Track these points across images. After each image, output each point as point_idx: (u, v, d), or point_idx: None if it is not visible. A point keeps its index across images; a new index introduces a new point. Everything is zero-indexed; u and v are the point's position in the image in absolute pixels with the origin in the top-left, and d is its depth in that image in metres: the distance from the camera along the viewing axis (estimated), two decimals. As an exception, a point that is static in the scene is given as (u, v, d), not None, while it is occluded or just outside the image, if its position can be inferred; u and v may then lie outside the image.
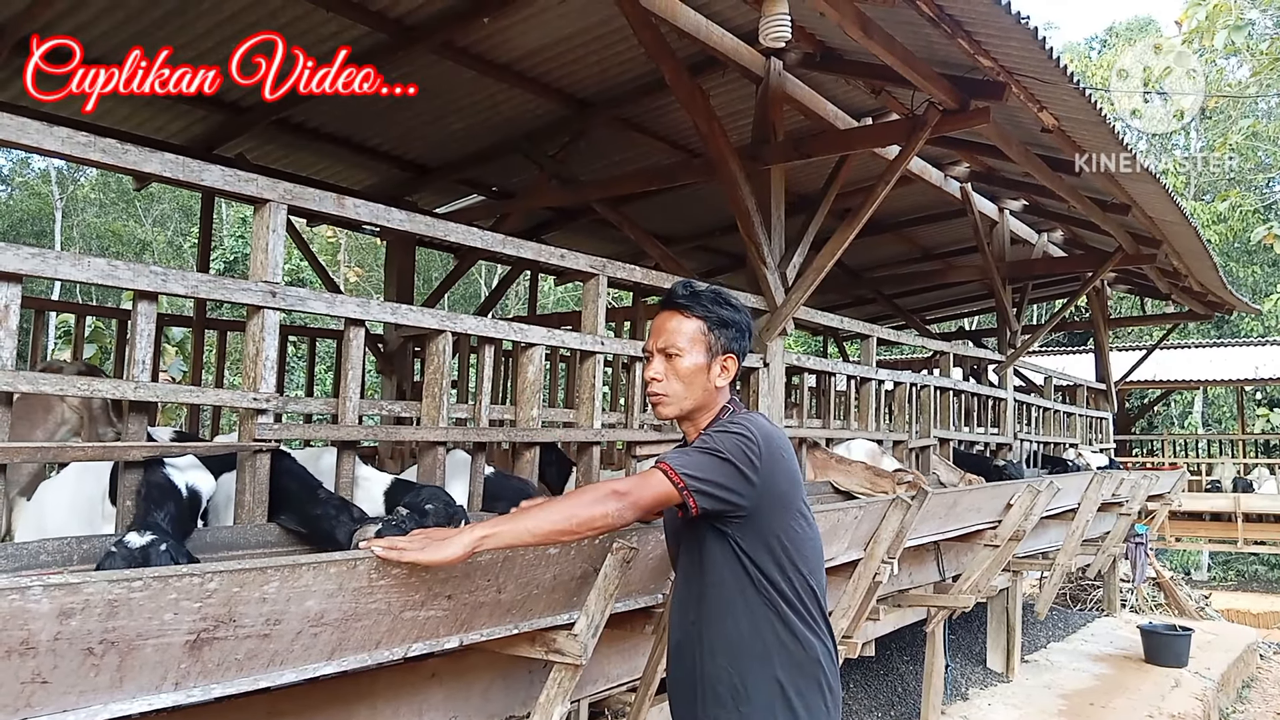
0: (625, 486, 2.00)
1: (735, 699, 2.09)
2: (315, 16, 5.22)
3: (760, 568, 2.08)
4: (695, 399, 2.19)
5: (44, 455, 2.23)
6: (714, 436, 2.08)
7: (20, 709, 1.56)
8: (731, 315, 2.21)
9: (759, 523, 2.08)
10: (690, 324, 2.19)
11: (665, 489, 1.99)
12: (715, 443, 2.05)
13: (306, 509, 2.64)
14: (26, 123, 2.24)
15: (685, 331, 2.19)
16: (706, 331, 2.18)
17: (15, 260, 2.18)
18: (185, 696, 1.79)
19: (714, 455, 2.03)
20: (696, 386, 2.18)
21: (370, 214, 3.04)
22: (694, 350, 2.18)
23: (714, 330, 2.19)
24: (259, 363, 2.66)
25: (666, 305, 2.25)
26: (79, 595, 1.54)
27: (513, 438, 3.50)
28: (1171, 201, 6.88)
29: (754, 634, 2.09)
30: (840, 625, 4.21)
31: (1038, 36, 3.93)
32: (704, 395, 2.20)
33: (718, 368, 2.19)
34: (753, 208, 5.06)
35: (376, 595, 2.00)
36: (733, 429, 2.08)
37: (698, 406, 2.21)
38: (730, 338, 2.20)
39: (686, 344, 2.18)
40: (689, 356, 2.17)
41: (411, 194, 7.98)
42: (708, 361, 2.18)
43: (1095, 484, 7.09)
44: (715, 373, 2.19)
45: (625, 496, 1.97)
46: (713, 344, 2.19)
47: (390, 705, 2.68)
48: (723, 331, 2.19)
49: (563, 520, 1.94)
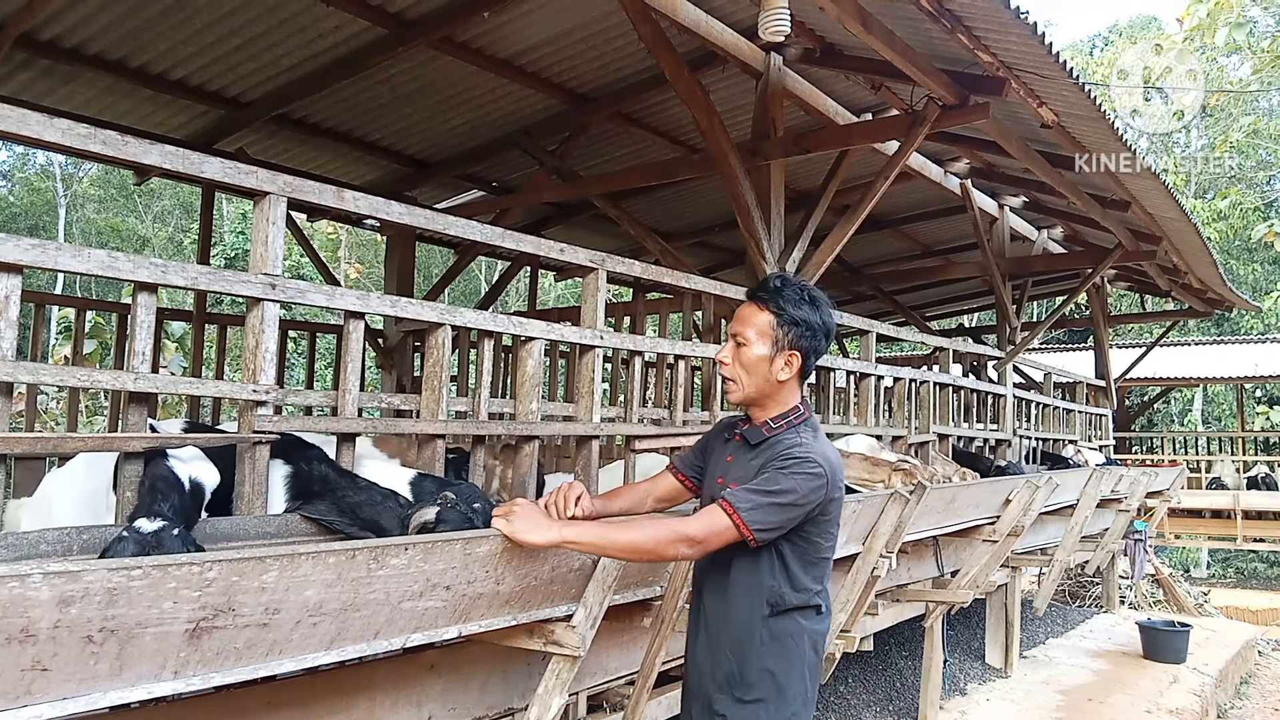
0: (699, 533, 2.09)
1: (733, 686, 2.24)
2: (315, 11, 5.22)
3: (787, 568, 2.21)
4: (757, 388, 2.26)
5: (43, 446, 2.24)
6: (787, 475, 2.12)
7: (20, 696, 1.57)
8: (807, 314, 2.24)
9: (797, 529, 2.19)
10: (762, 316, 2.25)
11: (733, 537, 2.10)
12: (787, 484, 2.11)
13: (349, 497, 2.65)
14: (27, 114, 2.24)
15: (756, 323, 2.25)
16: (775, 326, 2.23)
17: (16, 251, 2.18)
18: (185, 685, 1.80)
19: (783, 503, 2.11)
20: (758, 376, 2.24)
21: (369, 207, 3.04)
22: (760, 342, 2.24)
23: (783, 325, 2.23)
24: (259, 355, 2.67)
25: (749, 295, 2.32)
26: (79, 583, 1.55)
27: (512, 431, 3.50)
28: (1171, 198, 6.88)
29: (751, 625, 2.23)
30: (839, 620, 4.22)
31: (1037, 31, 3.93)
32: (766, 386, 2.26)
33: (781, 362, 2.24)
34: (752, 203, 5.07)
35: (375, 585, 2.01)
36: (808, 469, 2.13)
37: (762, 395, 2.27)
38: (799, 335, 2.24)
39: (754, 335, 2.24)
40: (754, 347, 2.24)
41: (412, 189, 7.98)
42: (771, 355, 2.23)
43: (1094, 480, 7.10)
44: (778, 366, 2.24)
45: (697, 545, 2.09)
46: (779, 339, 2.23)
47: (389, 697, 2.69)
48: (792, 328, 2.23)
49: (640, 546, 2.08)
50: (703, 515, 2.14)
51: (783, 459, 2.17)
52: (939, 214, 9.53)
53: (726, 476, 2.30)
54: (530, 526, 2.05)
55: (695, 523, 2.11)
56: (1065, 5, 39.20)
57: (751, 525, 2.08)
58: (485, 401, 3.42)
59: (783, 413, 2.28)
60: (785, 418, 2.28)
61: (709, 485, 2.39)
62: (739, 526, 2.07)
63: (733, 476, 2.27)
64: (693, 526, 2.10)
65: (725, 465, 2.34)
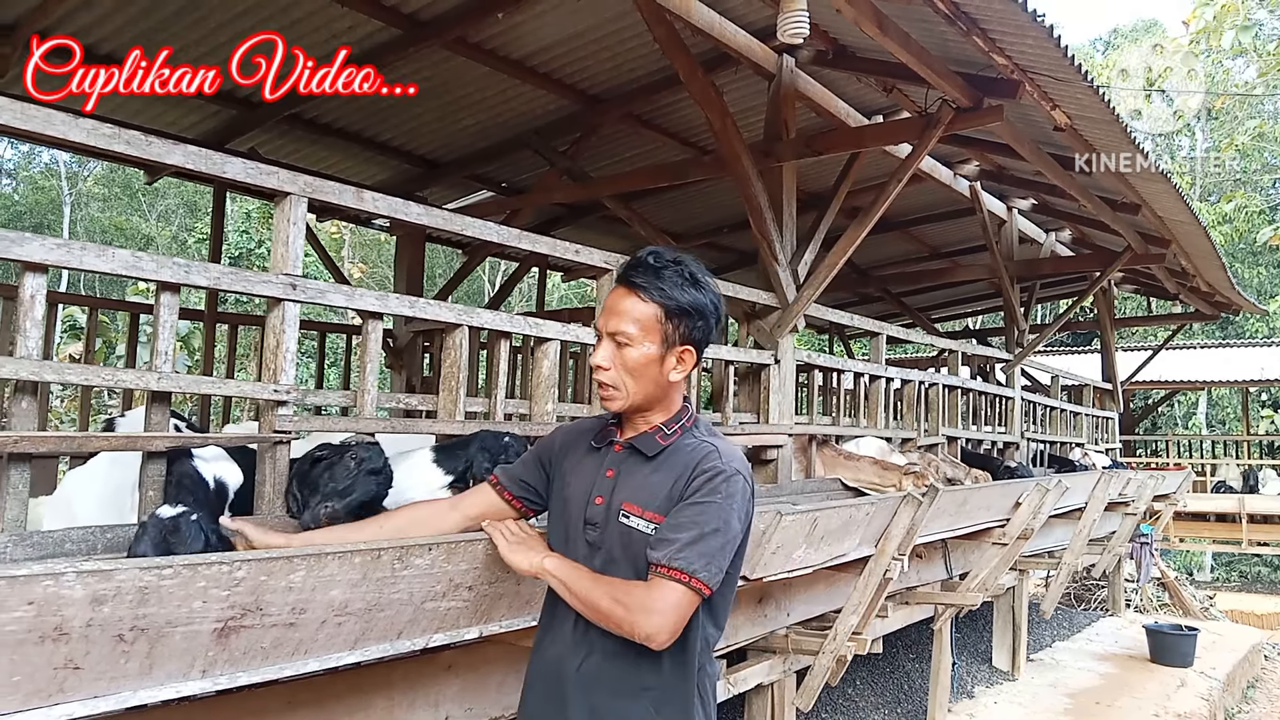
0: (667, 620, 1.73)
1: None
2: (329, 12, 5.22)
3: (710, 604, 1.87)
4: (645, 393, 1.88)
5: (69, 445, 2.24)
6: (718, 503, 1.79)
7: (53, 694, 1.57)
8: (696, 299, 1.86)
9: None
10: (644, 308, 1.85)
11: (697, 603, 1.78)
12: (725, 515, 1.79)
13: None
14: (53, 114, 2.25)
15: (638, 316, 1.85)
16: (663, 319, 1.84)
17: (42, 251, 2.19)
18: (212, 684, 1.81)
19: (728, 538, 1.79)
20: (646, 380, 1.87)
21: (389, 208, 3.05)
22: (645, 340, 1.85)
23: (672, 318, 1.85)
24: (279, 355, 2.67)
25: (622, 280, 1.90)
26: (111, 582, 1.56)
27: (528, 431, 3.51)
28: (1182, 201, 6.88)
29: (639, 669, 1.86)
30: (850, 622, 4.23)
31: (1053, 34, 3.93)
32: (655, 390, 1.89)
33: (673, 360, 1.88)
34: (765, 204, 5.07)
35: (399, 585, 2.02)
36: (734, 485, 1.82)
37: (650, 400, 1.90)
38: (691, 327, 1.87)
39: (638, 331, 1.84)
40: (639, 346, 1.85)
41: (422, 189, 7.99)
42: (661, 353, 1.86)
43: (1103, 483, 7.11)
44: (670, 366, 1.88)
45: (665, 631, 1.73)
46: (669, 334, 1.85)
47: (406, 697, 2.70)
48: (683, 320, 1.86)
49: (602, 607, 1.77)
50: (655, 598, 1.73)
51: (704, 483, 1.81)
52: (947, 216, 9.52)
53: (610, 495, 1.89)
54: (517, 550, 1.93)
55: (663, 600, 1.73)
56: (1066, 8, 39.19)
57: (711, 584, 1.75)
58: (501, 402, 3.43)
59: (673, 415, 1.93)
60: (678, 421, 1.92)
61: (569, 506, 1.96)
62: (700, 590, 1.74)
63: (625, 495, 1.87)
64: (661, 604, 1.72)
65: (603, 480, 1.91)
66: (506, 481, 2.10)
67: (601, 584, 1.80)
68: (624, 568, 1.84)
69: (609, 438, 1.96)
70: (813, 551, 3.53)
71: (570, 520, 1.94)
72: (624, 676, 1.84)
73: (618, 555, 1.86)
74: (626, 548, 1.84)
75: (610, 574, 1.84)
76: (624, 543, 1.85)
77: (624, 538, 1.84)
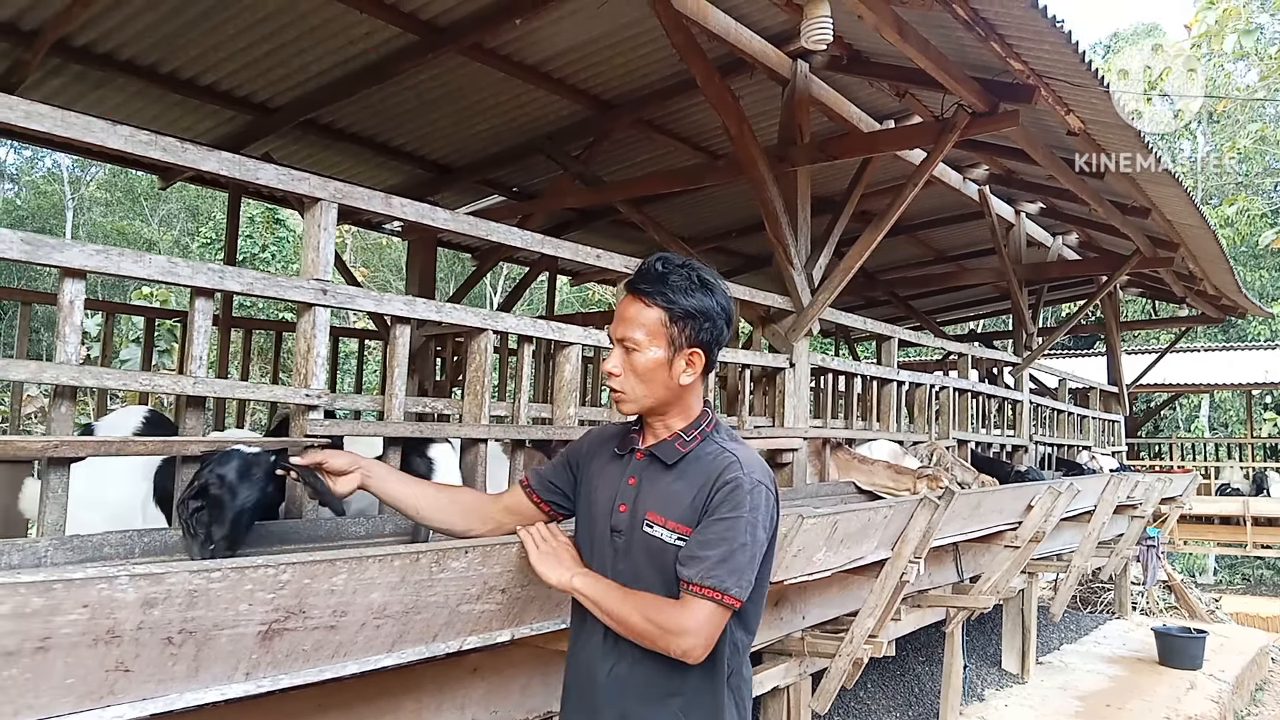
0: (700, 638, 1.77)
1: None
2: (347, 18, 5.25)
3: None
4: (656, 397, 1.91)
5: (106, 450, 2.26)
6: (744, 516, 1.80)
7: (105, 696, 1.59)
8: (702, 303, 1.89)
9: None
10: (650, 313, 1.88)
11: (729, 616, 1.81)
12: (751, 527, 1.81)
13: None
14: (92, 121, 2.27)
15: (644, 322, 1.88)
16: (668, 323, 1.87)
17: (81, 257, 2.21)
18: (255, 686, 1.82)
19: (754, 553, 1.82)
20: (656, 384, 1.90)
21: (416, 213, 3.07)
22: (652, 345, 1.88)
23: (677, 321, 1.87)
24: (310, 359, 2.69)
25: (628, 287, 1.93)
26: (162, 585, 1.58)
27: (551, 435, 3.53)
28: (1191, 205, 6.89)
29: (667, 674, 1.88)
30: (867, 624, 4.25)
31: (1071, 40, 3.95)
32: (667, 394, 1.91)
33: (681, 363, 1.89)
34: (780, 209, 5.09)
35: (436, 588, 2.03)
36: (759, 496, 1.83)
37: (663, 404, 1.93)
38: (698, 329, 1.89)
39: (644, 337, 1.88)
40: (646, 351, 1.88)
41: (433, 194, 8.00)
42: (668, 357, 1.88)
43: (1112, 486, 7.12)
44: (679, 369, 1.90)
45: (700, 647, 1.78)
46: (675, 337, 1.88)
47: (435, 700, 2.71)
48: (688, 323, 1.88)
49: (635, 626, 1.81)
50: (688, 617, 1.77)
51: (727, 495, 1.82)
52: (955, 220, 9.55)
53: (634, 503, 1.91)
54: (548, 561, 1.95)
55: (693, 617, 1.77)
56: (1066, 13, 39.10)
57: (741, 597, 1.78)
58: (526, 406, 3.45)
59: (693, 421, 1.95)
60: (697, 427, 1.94)
61: (595, 511, 2.00)
62: (732, 605, 1.77)
63: (648, 504, 1.90)
64: (692, 621, 1.76)
65: (626, 488, 1.94)
66: (536, 484, 2.13)
67: (632, 600, 1.83)
68: (650, 575, 1.87)
69: (631, 445, 1.99)
70: (832, 554, 3.55)
71: (596, 526, 1.98)
72: (652, 682, 1.87)
73: (643, 562, 1.89)
74: (651, 556, 1.88)
75: (636, 581, 1.87)
76: (648, 551, 1.88)
77: (648, 546, 1.88)
